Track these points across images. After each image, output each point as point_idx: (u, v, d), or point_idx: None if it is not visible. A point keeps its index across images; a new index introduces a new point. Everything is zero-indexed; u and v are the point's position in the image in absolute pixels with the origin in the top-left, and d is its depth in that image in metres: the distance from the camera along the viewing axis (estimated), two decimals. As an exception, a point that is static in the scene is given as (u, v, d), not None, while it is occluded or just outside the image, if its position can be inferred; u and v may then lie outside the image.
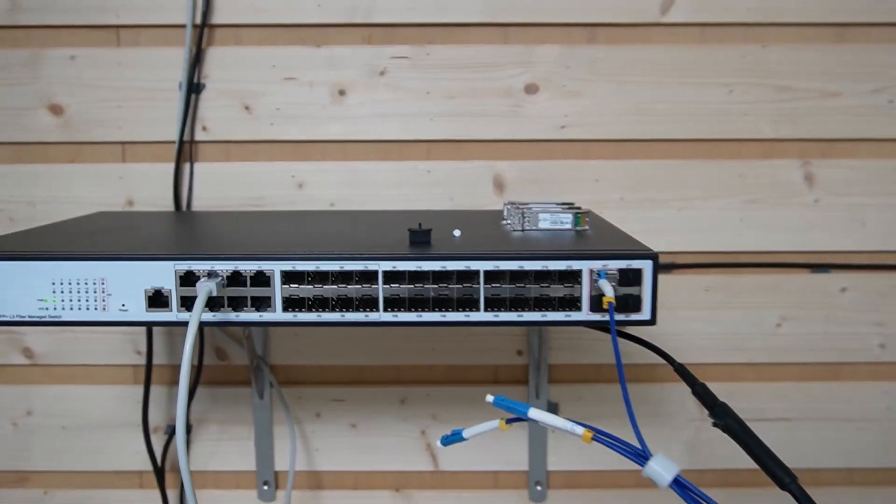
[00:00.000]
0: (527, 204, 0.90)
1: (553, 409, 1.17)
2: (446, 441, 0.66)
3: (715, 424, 0.67)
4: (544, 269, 0.70)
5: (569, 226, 0.84)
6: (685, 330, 1.16)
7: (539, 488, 1.19)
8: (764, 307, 1.15)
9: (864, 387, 1.17)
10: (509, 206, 0.90)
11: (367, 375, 1.18)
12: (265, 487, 1.19)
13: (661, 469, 0.55)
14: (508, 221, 0.87)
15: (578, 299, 0.70)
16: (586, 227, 0.84)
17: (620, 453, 0.56)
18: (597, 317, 0.70)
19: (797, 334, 1.16)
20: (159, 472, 1.17)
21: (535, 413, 0.58)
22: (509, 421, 0.62)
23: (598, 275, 0.69)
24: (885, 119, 1.12)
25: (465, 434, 0.65)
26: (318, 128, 1.13)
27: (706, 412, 0.70)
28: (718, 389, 1.07)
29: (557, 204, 0.91)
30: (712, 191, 1.13)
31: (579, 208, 0.87)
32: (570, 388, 1.17)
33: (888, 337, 1.16)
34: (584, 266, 0.70)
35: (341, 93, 1.12)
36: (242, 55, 1.11)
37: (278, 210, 1.12)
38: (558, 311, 0.71)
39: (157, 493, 1.18)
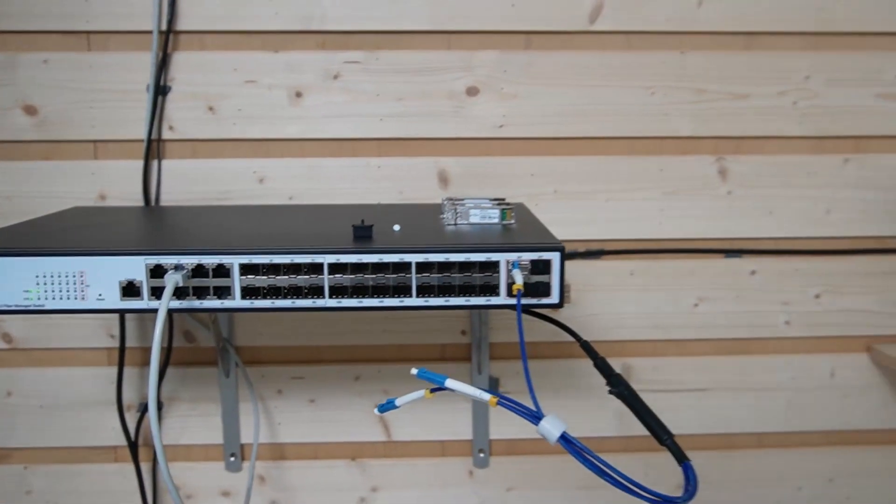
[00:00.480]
0: (462, 200, 1.01)
1: (494, 383, 1.28)
2: (382, 408, 0.77)
3: (610, 392, 0.79)
4: (467, 260, 0.81)
5: (496, 220, 0.95)
6: (613, 310, 1.28)
7: (482, 455, 1.31)
8: (683, 289, 1.28)
9: (772, 359, 1.30)
10: (446, 202, 1.00)
11: (325, 355, 1.29)
12: (232, 459, 1.30)
13: (551, 427, 0.66)
14: (445, 216, 0.98)
15: (497, 286, 0.82)
16: (512, 220, 0.95)
17: (519, 415, 0.68)
18: (513, 301, 0.82)
19: (712, 313, 1.28)
20: (133, 447, 1.27)
21: (450, 383, 0.70)
22: (433, 390, 0.73)
23: (513, 265, 0.80)
24: (790, 118, 1.24)
25: (397, 402, 0.76)
26: (278, 127, 1.22)
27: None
28: (643, 363, 1.21)
29: (490, 200, 1.02)
30: (635, 184, 1.25)
31: (508, 204, 0.98)
32: (509, 363, 1.29)
33: (792, 314, 1.29)
34: (501, 258, 0.81)
35: (298, 95, 1.22)
36: (206, 60, 1.21)
37: (241, 204, 1.22)
38: (480, 296, 0.82)
39: (131, 467, 1.28)
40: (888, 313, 1.29)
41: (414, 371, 0.72)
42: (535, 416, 0.67)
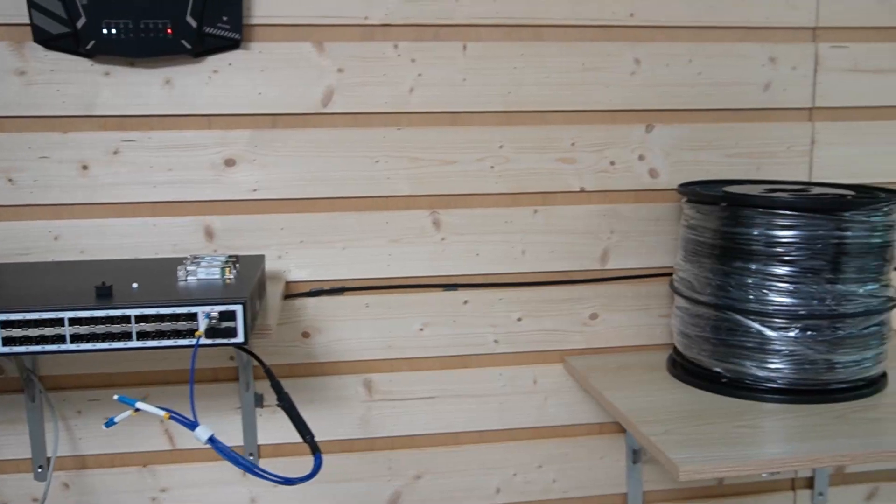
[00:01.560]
0: (199, 258, 1.29)
1: (259, 399, 1.57)
2: (107, 425, 1.05)
3: (278, 405, 1.09)
4: (173, 312, 1.10)
5: (217, 276, 1.24)
6: (354, 336, 1.58)
7: (251, 457, 1.59)
8: (410, 317, 1.59)
9: (485, 371, 1.63)
10: (186, 260, 1.29)
11: (117, 380, 1.55)
12: (39, 470, 1.55)
13: (202, 433, 0.96)
14: (179, 273, 1.26)
15: (197, 330, 1.11)
16: (230, 276, 1.25)
17: (181, 424, 0.97)
18: (209, 341, 1.11)
19: (436, 335, 1.60)
20: (-47, 463, 1.51)
21: (140, 405, 0.98)
22: (136, 409, 1.01)
23: (205, 315, 1.10)
24: (488, 179, 1.57)
25: (115, 419, 1.04)
26: (69, 194, 1.48)
27: (276, 397, 1.11)
28: (381, 378, 1.51)
29: (225, 257, 1.31)
30: (366, 234, 1.55)
31: (236, 262, 1.27)
32: (271, 382, 1.58)
33: (499, 334, 1.62)
34: (198, 310, 1.10)
35: (85, 167, 1.48)
36: (5, 140, 1.46)
37: (34, 261, 1.47)
38: (185, 338, 1.11)
39: (-48, 480, 1.53)
40: (574, 331, 1.64)
41: (115, 397, 1.00)
42: (193, 424, 0.96)
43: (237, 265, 1.29)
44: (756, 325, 1.36)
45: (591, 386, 1.47)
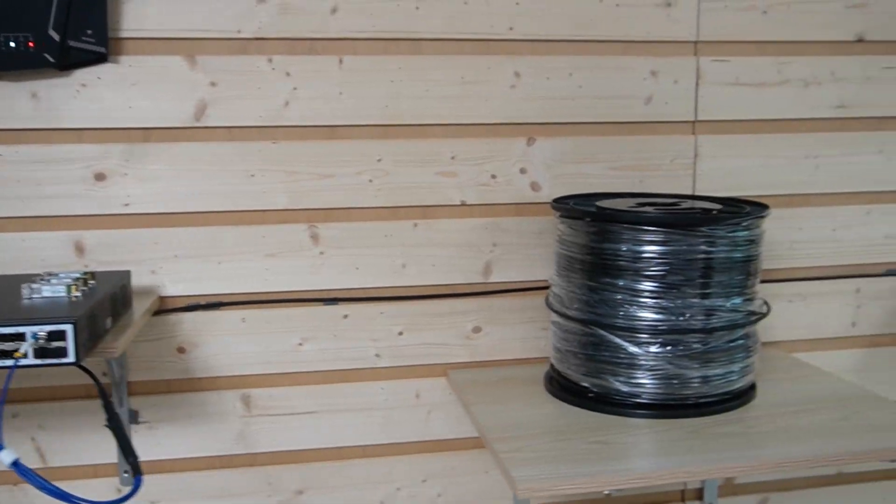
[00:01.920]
0: (53, 275, 1.28)
1: (133, 415, 1.55)
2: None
3: (106, 425, 1.08)
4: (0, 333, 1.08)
5: (63, 294, 1.22)
6: (231, 351, 1.57)
7: (126, 475, 1.57)
8: (289, 331, 1.58)
9: (367, 385, 1.62)
10: (38, 277, 1.27)
11: (-13, 397, 1.53)
12: None
13: (6, 456, 0.94)
14: (24, 291, 1.24)
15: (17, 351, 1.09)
16: (77, 294, 1.23)
17: (-15, 450, 0.95)
18: (39, 361, 1.09)
19: (316, 350, 1.59)
20: None
21: (-52, 429, 0.97)
22: (-49, 434, 1.00)
23: (33, 335, 1.08)
24: (367, 193, 1.56)
25: (-64, 444, 1.02)
26: (-65, 209, 1.46)
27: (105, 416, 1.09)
28: (260, 393, 1.50)
29: (82, 273, 1.29)
30: (243, 248, 1.54)
31: (88, 278, 1.25)
32: (147, 398, 1.56)
33: (381, 348, 1.61)
34: (26, 330, 1.08)
35: (-49, 182, 1.46)
36: None
37: None
38: (12, 358, 1.09)
39: None
40: (457, 345, 1.63)
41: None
42: (-3, 450, 0.95)
43: (90, 282, 1.27)
44: (619, 341, 1.36)
45: (464, 400, 1.46)
